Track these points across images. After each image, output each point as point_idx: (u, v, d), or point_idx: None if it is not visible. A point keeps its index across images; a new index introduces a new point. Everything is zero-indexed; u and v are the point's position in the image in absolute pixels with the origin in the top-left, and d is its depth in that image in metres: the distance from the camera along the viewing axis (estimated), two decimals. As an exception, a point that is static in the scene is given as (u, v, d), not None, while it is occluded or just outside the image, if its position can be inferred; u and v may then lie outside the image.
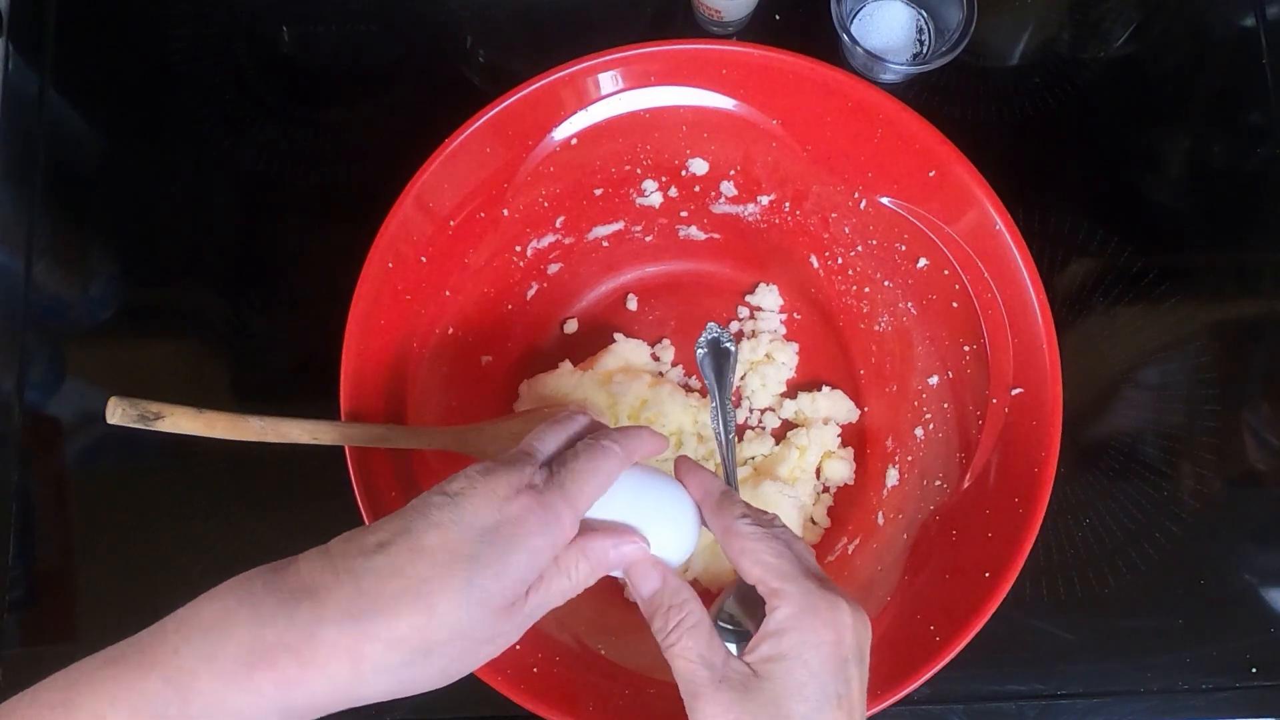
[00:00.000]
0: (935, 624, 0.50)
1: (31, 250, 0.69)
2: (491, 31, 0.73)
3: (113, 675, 0.33)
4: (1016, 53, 0.72)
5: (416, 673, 0.34)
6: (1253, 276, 0.69)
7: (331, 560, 0.35)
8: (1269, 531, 0.64)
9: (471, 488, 0.36)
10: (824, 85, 0.54)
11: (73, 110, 0.72)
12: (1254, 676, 0.62)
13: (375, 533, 0.35)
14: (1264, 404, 0.66)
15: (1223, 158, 0.70)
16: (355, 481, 0.49)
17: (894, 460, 0.61)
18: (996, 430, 0.53)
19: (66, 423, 0.67)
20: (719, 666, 0.37)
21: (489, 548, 0.35)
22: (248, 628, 0.33)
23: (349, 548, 0.35)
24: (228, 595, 0.34)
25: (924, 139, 0.53)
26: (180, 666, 0.33)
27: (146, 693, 0.33)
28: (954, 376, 0.56)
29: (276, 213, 0.70)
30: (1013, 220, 0.52)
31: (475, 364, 0.62)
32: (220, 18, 0.73)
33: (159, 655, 0.33)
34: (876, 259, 0.59)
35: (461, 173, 0.54)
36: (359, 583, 0.33)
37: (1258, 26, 0.72)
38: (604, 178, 0.59)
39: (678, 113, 0.56)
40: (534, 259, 0.62)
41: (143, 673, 0.33)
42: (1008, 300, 0.52)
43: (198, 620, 0.34)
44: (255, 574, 0.35)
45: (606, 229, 0.64)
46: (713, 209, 0.63)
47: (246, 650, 0.32)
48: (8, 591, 0.64)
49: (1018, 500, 0.51)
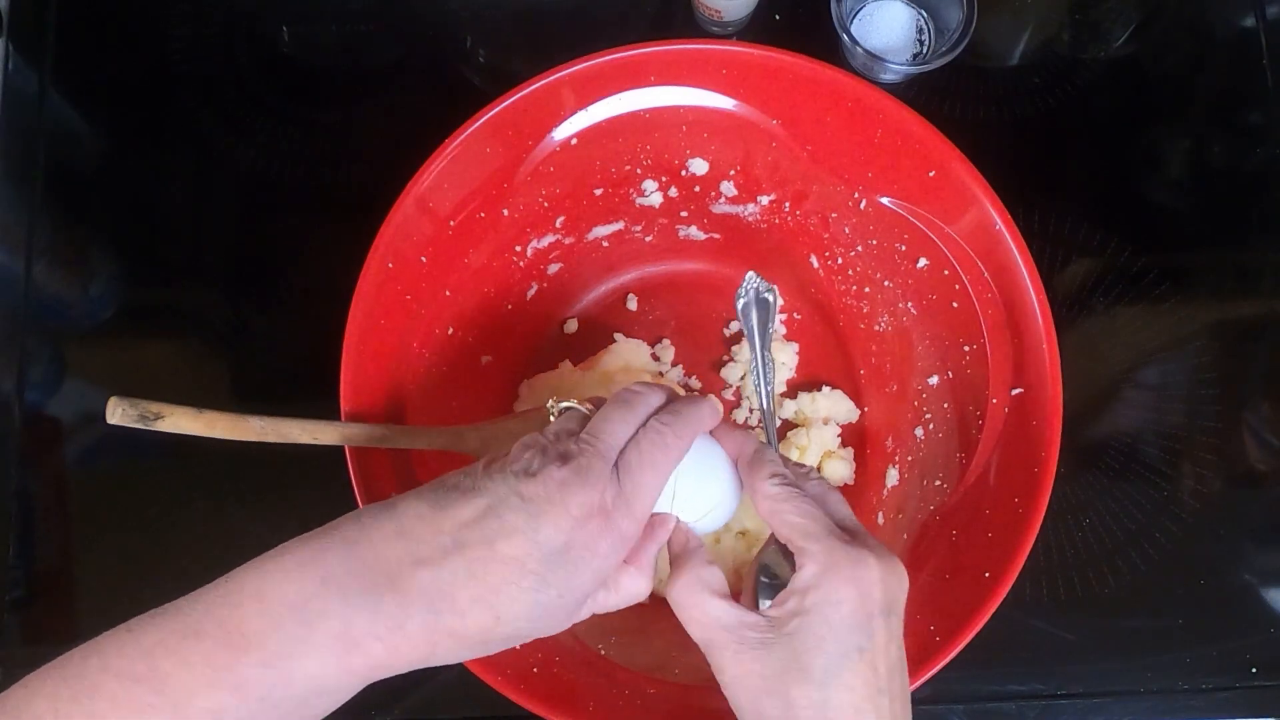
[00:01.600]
0: (935, 624, 0.50)
1: (31, 250, 0.69)
2: (491, 31, 0.73)
3: (201, 652, 0.34)
4: (1016, 53, 0.72)
5: (471, 655, 0.37)
6: (1253, 276, 0.69)
7: (409, 546, 0.35)
8: (1269, 531, 0.64)
9: (548, 501, 0.36)
10: (824, 85, 0.54)
11: (73, 110, 0.72)
12: (1254, 676, 0.62)
13: (450, 516, 0.36)
14: (1264, 404, 0.66)
15: (1223, 158, 0.70)
16: (355, 481, 0.49)
17: (894, 460, 0.61)
18: (996, 430, 0.53)
19: (66, 423, 0.67)
20: (734, 627, 0.39)
21: (557, 569, 0.36)
22: (339, 616, 0.34)
23: (424, 531, 0.36)
24: (305, 572, 0.35)
25: (924, 139, 0.53)
26: (277, 651, 0.34)
27: (246, 678, 0.34)
28: (954, 376, 0.56)
29: (276, 213, 0.70)
30: (1012, 220, 0.52)
31: (475, 364, 0.62)
32: (220, 18, 0.73)
33: (249, 635, 0.34)
34: (876, 259, 0.59)
35: (462, 173, 0.54)
36: (439, 582, 0.35)
37: (1258, 26, 0.72)
38: (604, 178, 0.59)
39: (678, 113, 0.56)
40: (534, 259, 0.62)
41: (235, 654, 0.34)
42: (1008, 300, 0.52)
43: (281, 598, 0.34)
44: (327, 547, 0.36)
45: (606, 229, 0.64)
46: (713, 209, 0.63)
47: (340, 637, 0.34)
48: (8, 591, 0.64)
49: (1018, 500, 0.51)
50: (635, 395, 0.41)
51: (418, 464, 0.55)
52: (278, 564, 0.36)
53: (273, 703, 0.34)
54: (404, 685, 0.61)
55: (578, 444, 0.38)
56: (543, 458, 0.37)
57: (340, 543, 0.36)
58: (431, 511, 0.36)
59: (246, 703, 0.34)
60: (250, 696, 0.34)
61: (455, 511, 0.36)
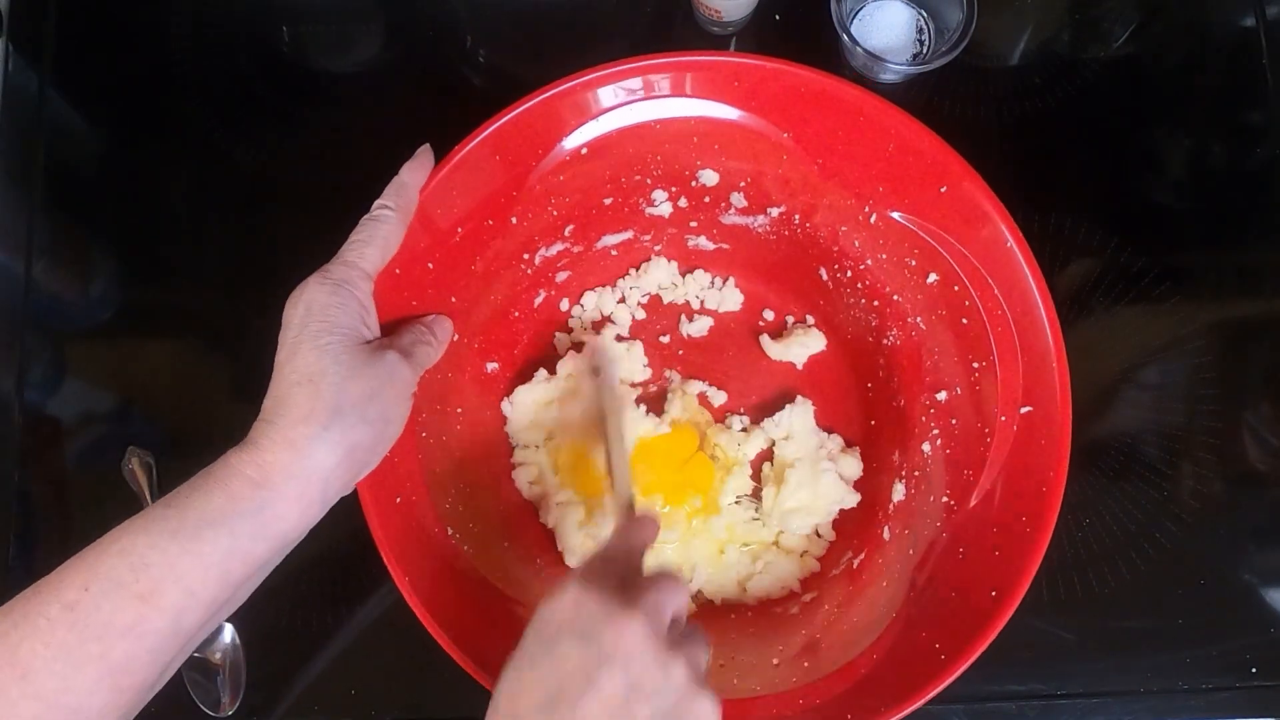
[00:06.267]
0: (940, 642, 0.50)
1: (31, 250, 0.69)
2: (491, 31, 0.73)
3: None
4: (1016, 53, 0.72)
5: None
6: (1253, 276, 0.69)
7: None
8: (1269, 531, 0.64)
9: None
10: (835, 99, 0.53)
11: (73, 110, 0.72)
12: (1254, 676, 0.62)
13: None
14: (1264, 404, 0.66)
15: (1223, 158, 0.70)
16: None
17: (901, 475, 0.60)
18: (1005, 448, 0.53)
19: (66, 423, 0.67)
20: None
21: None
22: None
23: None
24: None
25: (935, 154, 0.53)
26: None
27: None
28: (963, 393, 0.56)
29: (276, 213, 0.70)
30: (1024, 237, 0.51)
31: (480, 371, 0.62)
32: (220, 18, 0.73)
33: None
34: (886, 273, 0.59)
35: (469, 181, 0.54)
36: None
37: (1258, 26, 0.72)
38: (614, 187, 0.59)
39: (689, 124, 0.55)
40: (542, 267, 0.62)
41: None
42: (1018, 318, 0.52)
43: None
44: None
45: (615, 238, 0.63)
46: (722, 220, 0.62)
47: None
48: (8, 591, 0.64)
49: (1025, 519, 0.51)
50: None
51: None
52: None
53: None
54: (404, 685, 0.61)
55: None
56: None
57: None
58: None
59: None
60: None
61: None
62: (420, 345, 0.51)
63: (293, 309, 0.46)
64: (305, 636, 0.62)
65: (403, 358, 0.48)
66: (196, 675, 0.61)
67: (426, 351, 0.52)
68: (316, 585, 0.62)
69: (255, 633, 0.62)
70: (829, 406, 0.65)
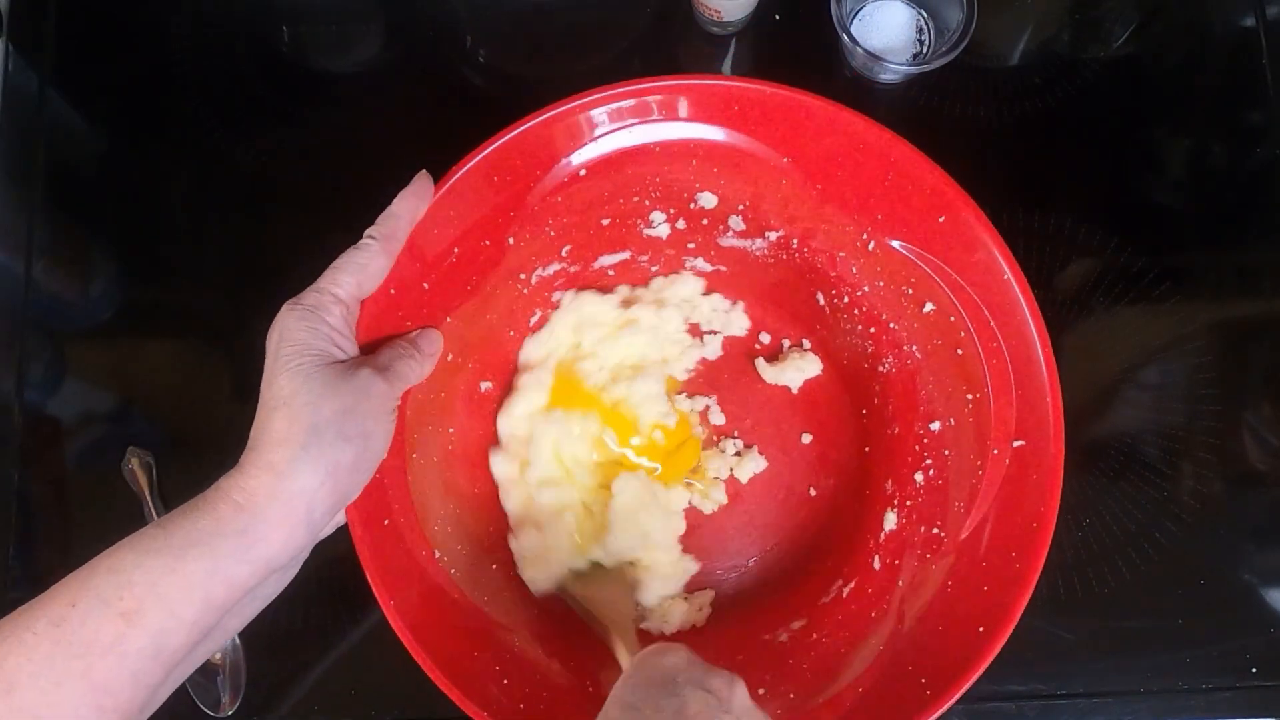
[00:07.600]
0: (926, 676, 0.50)
1: (31, 250, 0.69)
2: (491, 31, 0.73)
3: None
4: (1016, 53, 0.72)
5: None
6: (1253, 276, 0.69)
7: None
8: (1269, 531, 0.64)
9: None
10: (836, 125, 0.53)
11: (73, 110, 0.72)
12: (1254, 676, 0.62)
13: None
14: (1264, 404, 0.66)
15: (1223, 158, 0.70)
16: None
17: (893, 504, 0.59)
18: (996, 481, 0.53)
19: (66, 423, 0.67)
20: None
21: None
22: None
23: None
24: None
25: (935, 184, 0.52)
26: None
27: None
28: (956, 423, 0.56)
29: (276, 213, 0.70)
30: (1021, 270, 0.51)
31: (475, 390, 0.62)
32: (220, 18, 0.73)
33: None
34: (883, 300, 0.58)
35: (466, 202, 0.53)
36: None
37: (1258, 26, 0.72)
38: (612, 208, 0.59)
39: (688, 146, 0.55)
40: (539, 286, 0.62)
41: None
42: (1013, 351, 0.52)
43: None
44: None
45: (613, 258, 0.63)
46: (720, 242, 0.62)
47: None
48: (8, 591, 0.64)
49: (1014, 555, 0.50)
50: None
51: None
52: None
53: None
54: (404, 685, 0.61)
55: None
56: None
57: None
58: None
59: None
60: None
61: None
62: (401, 360, 0.50)
63: (270, 338, 0.46)
64: (305, 637, 0.63)
65: (377, 373, 0.48)
66: (197, 675, 0.61)
67: (409, 365, 0.51)
68: (317, 586, 0.62)
69: (255, 633, 0.61)
70: (824, 432, 0.64)
